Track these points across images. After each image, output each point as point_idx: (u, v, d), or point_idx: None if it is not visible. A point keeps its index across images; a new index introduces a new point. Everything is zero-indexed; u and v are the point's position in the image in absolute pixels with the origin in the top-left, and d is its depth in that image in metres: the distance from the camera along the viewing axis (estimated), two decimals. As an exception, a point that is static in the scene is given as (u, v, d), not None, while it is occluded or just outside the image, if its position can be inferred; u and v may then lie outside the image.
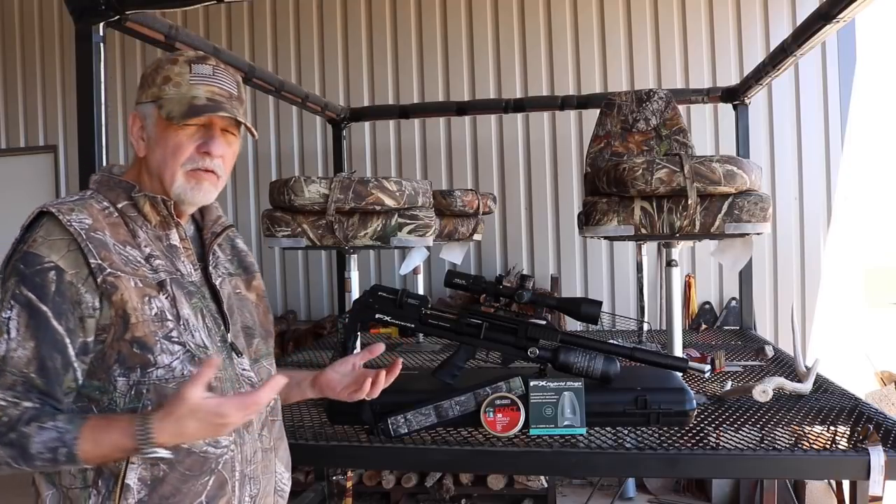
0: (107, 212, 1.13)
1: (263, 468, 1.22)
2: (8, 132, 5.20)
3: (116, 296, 1.06)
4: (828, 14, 2.20)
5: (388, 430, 1.78)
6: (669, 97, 2.90)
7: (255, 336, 1.27)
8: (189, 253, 1.20)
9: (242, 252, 1.34)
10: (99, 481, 1.06)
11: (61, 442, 0.99)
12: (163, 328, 1.09)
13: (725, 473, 2.62)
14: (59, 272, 1.05)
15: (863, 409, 1.98)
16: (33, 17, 5.15)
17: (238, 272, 1.30)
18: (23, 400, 1.02)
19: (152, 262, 1.13)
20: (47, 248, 1.05)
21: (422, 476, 3.87)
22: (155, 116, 1.15)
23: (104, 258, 1.07)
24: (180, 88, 1.14)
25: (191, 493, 1.09)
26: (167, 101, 1.14)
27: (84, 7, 1.92)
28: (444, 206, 3.07)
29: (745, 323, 3.70)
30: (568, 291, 4.46)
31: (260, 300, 1.32)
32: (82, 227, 1.07)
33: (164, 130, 1.14)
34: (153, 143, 1.16)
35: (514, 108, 3.82)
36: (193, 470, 1.09)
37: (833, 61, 4.26)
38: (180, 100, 1.14)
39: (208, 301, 1.19)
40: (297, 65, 4.81)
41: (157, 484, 1.07)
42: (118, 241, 1.11)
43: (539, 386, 1.79)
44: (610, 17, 4.48)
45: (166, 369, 1.08)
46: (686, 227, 2.13)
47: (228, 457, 1.13)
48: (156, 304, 1.09)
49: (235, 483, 1.14)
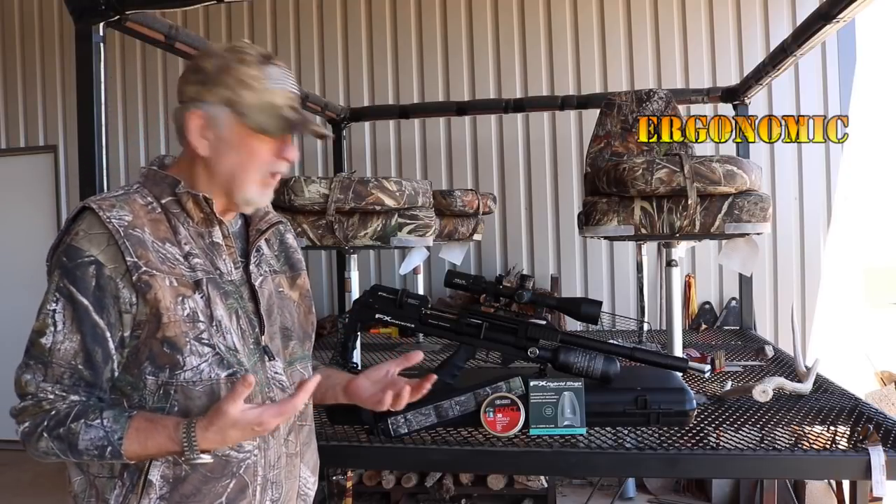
0: (149, 207, 1.13)
1: (287, 473, 1.21)
2: (8, 132, 5.19)
3: (150, 294, 1.06)
4: (828, 14, 2.20)
5: (388, 430, 1.78)
6: (669, 97, 2.90)
7: (293, 338, 1.26)
8: (231, 251, 1.19)
9: (291, 248, 1.33)
10: (125, 474, 1.09)
11: (108, 441, 1.02)
12: (194, 329, 1.09)
13: (725, 473, 2.62)
14: (99, 266, 1.06)
15: (863, 409, 1.98)
16: (33, 17, 5.15)
17: (283, 269, 1.29)
18: (70, 393, 1.05)
19: (191, 260, 1.12)
20: (87, 242, 1.07)
21: (422, 476, 3.87)
22: (231, 121, 1.11)
23: (140, 256, 1.07)
24: (258, 94, 1.11)
25: (211, 494, 1.10)
26: (247, 108, 1.11)
27: (84, 7, 1.92)
28: (444, 206, 3.07)
29: (745, 323, 3.70)
30: (568, 291, 4.45)
31: (302, 299, 1.31)
32: (121, 224, 1.08)
33: (244, 137, 1.12)
34: (226, 147, 1.13)
35: (514, 108, 3.82)
36: (215, 472, 1.10)
37: (833, 61, 4.26)
38: (262, 108, 1.11)
39: (245, 301, 1.18)
40: (297, 65, 4.81)
41: (179, 483, 1.08)
42: (157, 239, 1.10)
43: (539, 386, 1.78)
44: (610, 17, 4.48)
45: (194, 371, 1.09)
46: (686, 227, 2.14)
47: (251, 461, 1.14)
48: (189, 304, 1.09)
49: (257, 487, 1.15)
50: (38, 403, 1.05)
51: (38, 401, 1.05)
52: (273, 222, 1.26)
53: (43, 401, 1.05)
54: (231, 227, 1.21)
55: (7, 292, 5.11)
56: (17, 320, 5.66)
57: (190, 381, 1.08)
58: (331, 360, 2.81)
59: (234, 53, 1.13)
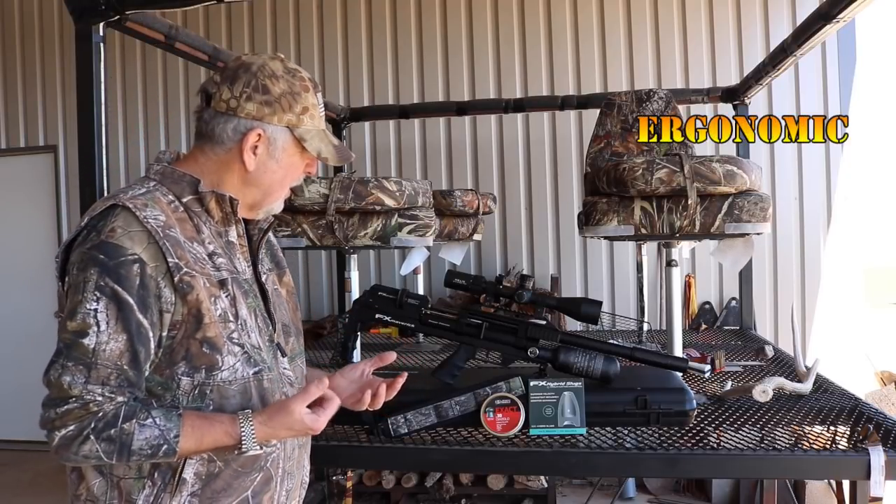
0: (173, 206, 1.13)
1: (297, 463, 1.26)
2: (8, 132, 5.19)
3: (192, 295, 1.07)
4: (828, 14, 2.20)
5: (388, 430, 1.78)
6: (669, 97, 2.90)
7: (291, 334, 1.29)
8: (244, 250, 1.21)
9: (275, 247, 1.36)
10: (155, 474, 1.09)
11: (164, 440, 1.02)
12: (226, 328, 1.11)
13: (725, 473, 2.62)
14: (142, 265, 1.04)
15: (863, 409, 1.97)
16: (33, 17, 5.15)
17: (272, 267, 1.31)
18: (117, 395, 1.03)
19: (215, 259, 1.14)
20: (129, 240, 1.04)
21: (422, 476, 3.87)
22: (290, 144, 1.17)
23: (180, 257, 1.07)
24: (315, 121, 1.19)
25: (240, 488, 1.13)
26: (308, 134, 1.17)
27: (84, 7, 1.92)
28: (444, 206, 3.07)
29: (745, 323, 3.70)
30: (568, 291, 4.45)
31: (290, 296, 1.33)
32: (158, 223, 1.07)
33: (293, 157, 1.18)
34: (274, 165, 1.17)
35: (514, 108, 3.82)
36: (246, 467, 1.13)
37: (833, 61, 4.26)
38: (321, 137, 1.19)
39: (259, 300, 1.20)
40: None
41: (211, 479, 1.11)
42: (187, 238, 1.11)
43: (539, 386, 1.78)
44: (610, 17, 4.48)
45: (230, 371, 1.11)
46: (686, 227, 2.13)
47: (275, 455, 1.18)
48: (220, 304, 1.11)
49: (278, 479, 1.19)
50: (85, 406, 1.01)
51: (84, 403, 1.01)
52: (271, 221, 1.28)
53: (90, 403, 1.01)
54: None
55: (7, 292, 5.10)
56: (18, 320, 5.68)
57: (226, 381, 1.11)
58: (331, 360, 2.81)
59: (297, 80, 1.18)
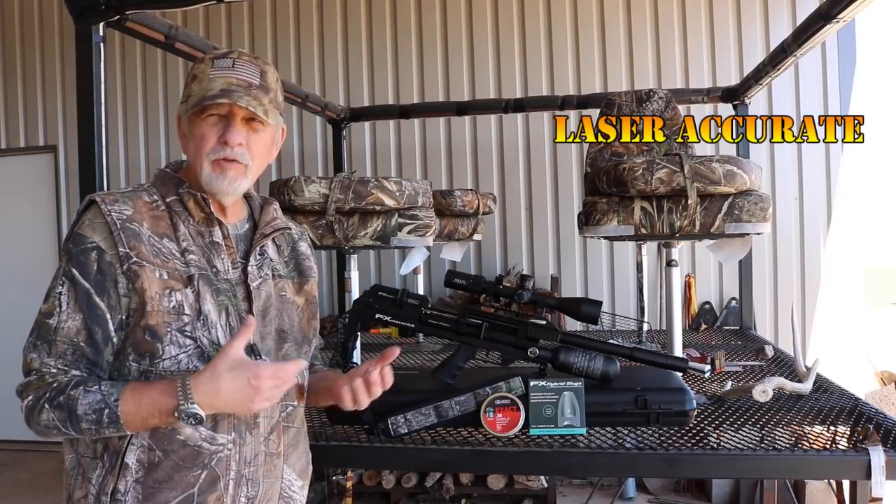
0: (154, 205, 1.19)
1: (266, 472, 1.23)
2: (8, 132, 5.19)
3: (138, 283, 1.12)
4: (828, 14, 2.20)
5: (388, 430, 1.78)
6: (669, 97, 2.90)
7: (288, 340, 1.29)
8: (231, 251, 1.23)
9: (303, 256, 1.37)
10: (105, 455, 1.13)
11: (105, 403, 1.06)
12: (178, 321, 1.14)
13: (725, 473, 2.62)
14: (101, 252, 1.13)
15: (863, 409, 1.98)
16: (33, 17, 5.15)
17: (291, 275, 1.33)
18: (72, 368, 1.11)
19: (186, 256, 1.17)
20: (91, 230, 1.14)
21: (422, 476, 3.87)
22: (184, 113, 1.20)
23: (132, 248, 1.13)
24: (202, 84, 1.19)
25: (183, 483, 1.13)
26: (191, 97, 1.19)
27: (84, 7, 1.92)
28: (444, 206, 3.07)
29: (745, 323, 3.70)
30: (568, 291, 4.45)
31: (308, 305, 1.34)
32: (119, 217, 1.14)
33: (192, 124, 1.20)
34: (187, 138, 1.22)
35: (514, 108, 3.82)
36: (186, 461, 1.14)
37: (833, 61, 4.26)
38: (199, 93, 1.18)
39: (238, 301, 1.21)
40: (297, 65, 4.81)
41: (153, 468, 1.12)
42: (155, 234, 1.16)
43: (539, 386, 1.78)
44: (610, 17, 4.48)
45: (172, 361, 1.13)
46: (686, 227, 2.14)
47: (224, 455, 1.16)
48: (177, 296, 1.14)
49: (230, 482, 1.17)
50: (42, 377, 1.10)
51: (41, 375, 1.10)
52: (277, 227, 1.30)
53: (46, 374, 1.10)
54: (237, 229, 1.26)
55: (7, 292, 5.11)
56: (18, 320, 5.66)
57: (167, 371, 1.13)
58: (331, 360, 2.81)
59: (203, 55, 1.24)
